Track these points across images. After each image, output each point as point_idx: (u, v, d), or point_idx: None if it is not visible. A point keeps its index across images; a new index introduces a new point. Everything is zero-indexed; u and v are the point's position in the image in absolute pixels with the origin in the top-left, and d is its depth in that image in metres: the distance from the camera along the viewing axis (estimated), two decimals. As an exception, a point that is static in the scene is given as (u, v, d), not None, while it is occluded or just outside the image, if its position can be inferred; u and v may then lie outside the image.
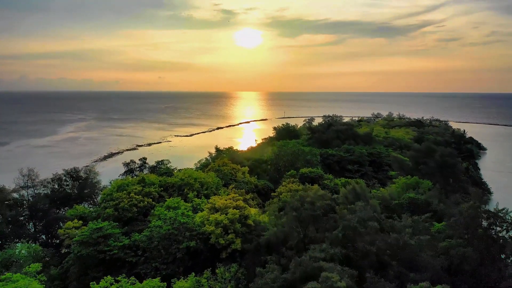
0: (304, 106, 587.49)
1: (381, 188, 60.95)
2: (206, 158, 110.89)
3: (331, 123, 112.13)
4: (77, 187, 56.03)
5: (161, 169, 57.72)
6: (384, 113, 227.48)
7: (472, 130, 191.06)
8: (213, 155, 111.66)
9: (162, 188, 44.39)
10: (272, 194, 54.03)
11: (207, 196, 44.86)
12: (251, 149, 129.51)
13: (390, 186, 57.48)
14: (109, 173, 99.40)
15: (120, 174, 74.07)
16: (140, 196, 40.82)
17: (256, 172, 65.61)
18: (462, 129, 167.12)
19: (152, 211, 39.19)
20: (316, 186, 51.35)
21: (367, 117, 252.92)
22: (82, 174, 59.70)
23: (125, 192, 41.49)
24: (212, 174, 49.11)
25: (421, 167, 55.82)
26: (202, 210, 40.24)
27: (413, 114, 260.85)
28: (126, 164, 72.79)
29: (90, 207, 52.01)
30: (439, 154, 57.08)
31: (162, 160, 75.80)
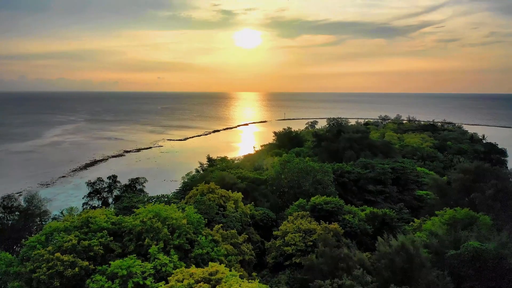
0: (305, 107, 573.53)
1: (416, 220, 46.75)
2: (196, 169, 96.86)
3: (340, 129, 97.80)
4: (11, 222, 41.64)
5: (124, 199, 43.16)
6: (390, 115, 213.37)
7: (488, 134, 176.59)
8: (204, 165, 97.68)
9: (112, 238, 30.01)
10: (274, 232, 39.82)
11: (179, 248, 30.56)
12: (249, 157, 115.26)
13: (431, 220, 43.12)
14: (83, 189, 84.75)
15: (84, 196, 59.96)
16: (71, 255, 26.47)
17: (253, 196, 51.34)
18: (478, 134, 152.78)
19: (89, 281, 24.95)
20: (335, 225, 37.17)
21: (373, 119, 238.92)
22: (22, 202, 45.14)
23: (52, 248, 27.19)
24: (190, 209, 34.77)
25: (474, 196, 41.65)
26: (168, 276, 26.07)
27: (417, 115, 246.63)
28: (91, 184, 58.51)
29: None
30: (494, 177, 43.20)
31: (137, 178, 61.80)
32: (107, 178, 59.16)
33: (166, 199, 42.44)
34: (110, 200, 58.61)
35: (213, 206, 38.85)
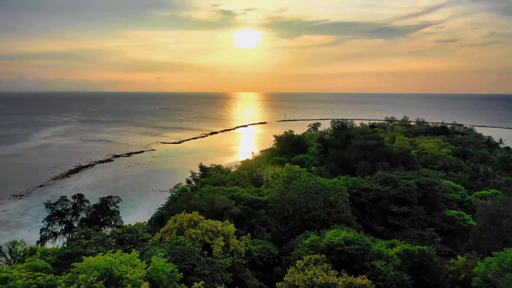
0: (305, 107, 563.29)
1: (460, 257, 36.22)
2: (187, 180, 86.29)
3: (348, 133, 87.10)
4: None
5: (74, 238, 32.32)
6: (390, 115, 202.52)
7: (499, 136, 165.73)
8: (197, 175, 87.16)
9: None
10: (278, 285, 29.26)
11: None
12: (247, 163, 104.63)
13: (485, 261, 32.61)
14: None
15: (43, 219, 49.34)
16: None
17: (250, 223, 40.77)
18: (491, 137, 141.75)
19: None
20: (364, 280, 26.59)
21: (378, 120, 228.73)
22: None
23: None
24: (158, 260, 24.18)
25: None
26: None
27: (421, 116, 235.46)
28: (52, 206, 47.84)
29: None
30: None
31: (109, 197, 51.06)
32: (72, 197, 48.52)
33: (133, 235, 31.80)
34: (76, 224, 48.03)
35: (194, 250, 28.24)
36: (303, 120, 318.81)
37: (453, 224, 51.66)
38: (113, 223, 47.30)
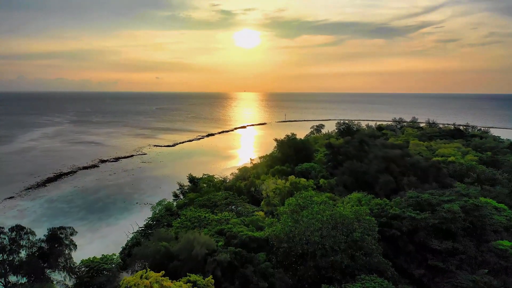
0: (305, 107, 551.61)
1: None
2: (174, 193, 74.65)
3: (363, 139, 75.24)
4: None
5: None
6: (392, 116, 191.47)
7: (509, 138, 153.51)
8: (185, 188, 75.58)
9: None
10: None
11: None
12: (244, 171, 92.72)
13: None
14: (30, 216, 61.91)
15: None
16: None
17: (244, 276, 29.07)
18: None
19: None
20: None
21: (380, 120, 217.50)
22: None
23: None
24: None
25: None
26: None
27: (422, 116, 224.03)
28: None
29: None
30: None
31: (60, 228, 39.09)
32: (9, 230, 36.71)
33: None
34: (17, 262, 36.27)
35: None
36: (304, 120, 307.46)
37: (507, 260, 40.14)
38: (62, 264, 35.63)
